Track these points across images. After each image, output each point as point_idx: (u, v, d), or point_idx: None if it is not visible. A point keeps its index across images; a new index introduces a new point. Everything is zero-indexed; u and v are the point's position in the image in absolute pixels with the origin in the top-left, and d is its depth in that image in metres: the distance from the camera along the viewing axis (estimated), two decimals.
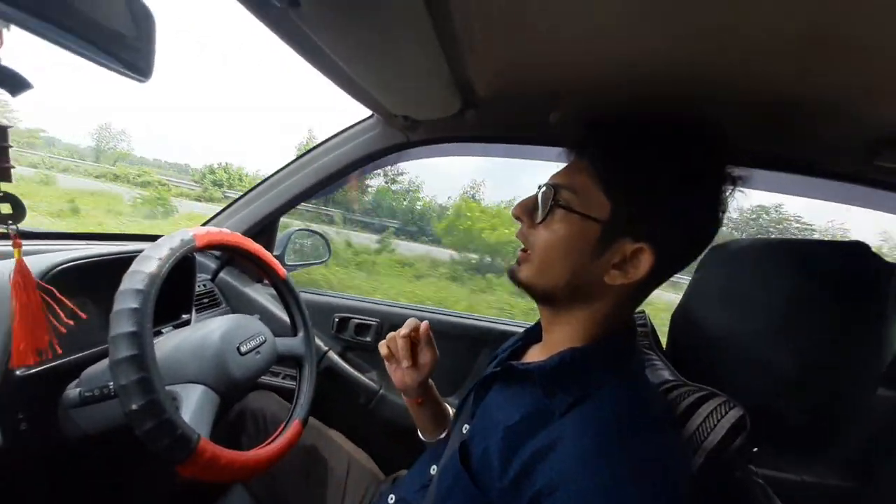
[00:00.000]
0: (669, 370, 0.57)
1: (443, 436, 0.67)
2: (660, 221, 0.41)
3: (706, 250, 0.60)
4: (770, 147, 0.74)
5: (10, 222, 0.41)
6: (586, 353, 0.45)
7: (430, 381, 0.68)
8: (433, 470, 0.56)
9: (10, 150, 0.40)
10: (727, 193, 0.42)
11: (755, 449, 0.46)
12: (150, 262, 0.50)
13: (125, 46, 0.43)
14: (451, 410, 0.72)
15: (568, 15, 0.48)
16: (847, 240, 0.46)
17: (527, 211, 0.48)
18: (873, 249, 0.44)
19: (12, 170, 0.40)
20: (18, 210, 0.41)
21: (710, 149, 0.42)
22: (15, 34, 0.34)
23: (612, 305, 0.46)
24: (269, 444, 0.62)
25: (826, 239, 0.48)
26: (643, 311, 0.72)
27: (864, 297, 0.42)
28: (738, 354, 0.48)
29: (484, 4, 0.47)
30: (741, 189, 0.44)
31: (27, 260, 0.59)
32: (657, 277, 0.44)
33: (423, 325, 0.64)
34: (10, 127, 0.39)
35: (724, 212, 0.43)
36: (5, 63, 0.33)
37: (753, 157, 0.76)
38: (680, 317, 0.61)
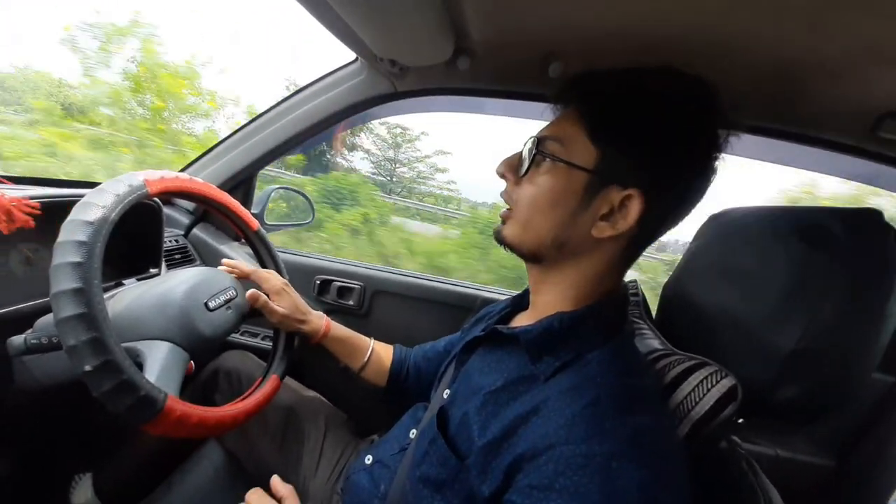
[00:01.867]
0: (659, 339, 0.55)
1: (363, 363, 0.72)
2: (648, 167, 0.39)
3: (705, 220, 0.59)
4: (772, 112, 0.70)
5: None
6: (575, 318, 0.43)
7: (318, 316, 0.72)
8: (412, 434, 0.55)
9: None
10: (717, 148, 0.41)
11: (741, 420, 0.45)
12: (92, 210, 0.44)
13: None
14: (368, 341, 0.75)
15: None
16: (858, 207, 0.43)
17: (511, 167, 0.46)
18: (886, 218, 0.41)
19: None
20: None
21: (702, 102, 0.40)
22: None
23: (602, 263, 0.44)
24: (244, 398, 0.60)
25: (834, 207, 0.44)
26: (635, 281, 0.70)
27: (874, 270, 0.39)
28: (732, 329, 0.46)
29: None
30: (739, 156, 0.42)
31: None
32: (646, 231, 0.42)
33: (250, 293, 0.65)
34: None
35: (714, 165, 0.42)
36: None
37: (753, 122, 0.72)
38: (673, 287, 0.59)
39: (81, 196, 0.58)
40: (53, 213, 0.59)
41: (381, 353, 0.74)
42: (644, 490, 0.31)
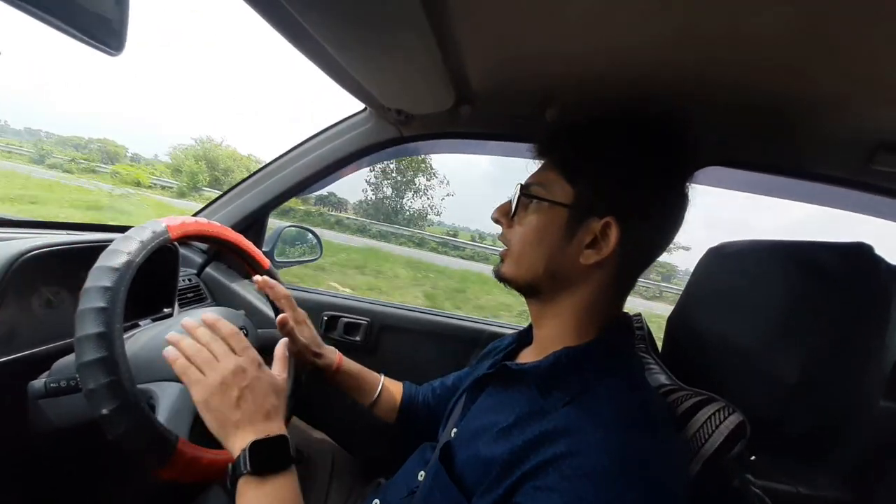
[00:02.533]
0: (666, 374, 0.55)
1: (374, 399, 0.71)
2: (618, 197, 0.44)
3: (705, 253, 0.60)
4: (765, 147, 0.73)
5: None
6: (581, 352, 0.44)
7: (331, 351, 0.71)
8: (420, 476, 0.54)
9: None
10: (684, 178, 0.46)
11: (753, 457, 0.44)
12: (118, 256, 0.47)
13: (99, 25, 0.41)
14: (378, 377, 0.74)
15: (562, 12, 0.47)
16: (848, 241, 0.44)
17: (504, 213, 0.52)
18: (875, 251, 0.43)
19: None
20: None
21: (664, 136, 0.46)
22: None
23: (596, 290, 0.46)
24: None
25: (827, 241, 0.45)
26: (639, 314, 0.71)
27: (866, 301, 0.41)
28: (736, 360, 0.47)
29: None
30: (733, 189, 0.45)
31: (1, 246, 0.57)
32: (631, 257, 0.46)
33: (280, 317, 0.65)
34: None
35: (685, 192, 0.46)
36: None
37: (747, 158, 0.75)
38: (676, 320, 0.60)
39: (96, 242, 0.61)
40: (75, 259, 0.62)
41: (391, 389, 0.74)
42: None
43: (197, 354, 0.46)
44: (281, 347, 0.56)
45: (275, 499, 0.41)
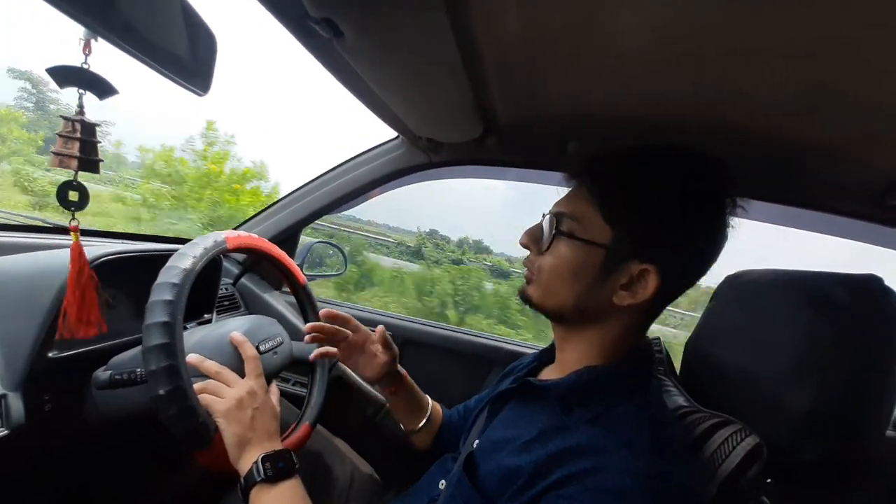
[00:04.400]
0: (684, 396, 0.57)
1: (422, 424, 0.69)
2: (661, 243, 0.42)
3: (721, 281, 0.62)
4: (779, 186, 0.75)
5: (74, 209, 0.46)
6: (602, 373, 0.45)
7: (399, 367, 0.69)
8: (441, 485, 0.55)
9: (98, 145, 0.45)
10: (726, 215, 0.43)
11: (769, 480, 0.45)
12: (186, 259, 0.54)
13: (186, 69, 0.48)
14: (428, 399, 0.73)
15: (587, 55, 0.52)
16: (860, 273, 0.46)
17: (533, 239, 0.50)
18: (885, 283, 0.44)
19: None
20: (83, 199, 0.46)
21: (705, 178, 0.43)
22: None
23: (624, 326, 0.46)
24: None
25: (840, 273, 0.48)
26: (658, 338, 0.72)
27: (876, 333, 0.42)
28: (750, 387, 0.48)
29: (509, 40, 0.52)
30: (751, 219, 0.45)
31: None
32: (665, 296, 0.45)
33: (379, 328, 0.66)
34: (98, 125, 0.44)
35: (725, 231, 0.44)
36: (94, 69, 0.38)
37: (761, 194, 0.77)
38: (693, 345, 0.61)
39: (153, 252, 0.68)
40: (132, 265, 0.69)
41: (435, 415, 0.73)
42: None
43: (207, 385, 0.52)
44: (273, 385, 0.61)
45: (287, 499, 0.47)
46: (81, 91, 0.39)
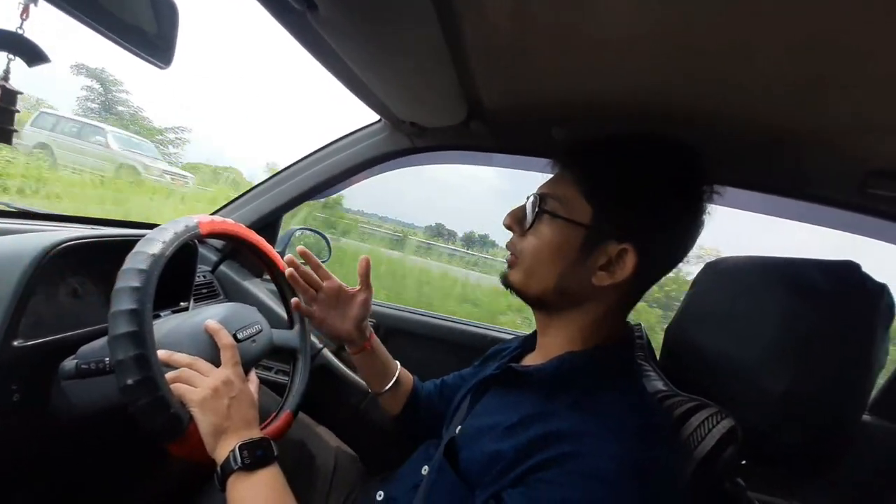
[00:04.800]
0: (663, 381, 0.57)
1: (388, 386, 0.71)
2: (639, 224, 0.44)
3: (702, 268, 0.63)
4: (761, 170, 0.76)
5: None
6: (584, 358, 0.46)
7: (368, 326, 0.71)
8: (424, 470, 0.56)
9: (16, 114, 0.42)
10: (703, 201, 0.45)
11: (743, 462, 0.46)
12: (154, 244, 0.51)
13: (148, 41, 0.45)
14: (397, 364, 0.75)
15: (573, 41, 0.51)
16: (838, 259, 0.47)
17: (516, 220, 0.51)
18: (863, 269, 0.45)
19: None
20: None
21: (684, 164, 0.45)
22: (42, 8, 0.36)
23: (604, 309, 0.47)
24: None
25: (818, 259, 0.48)
26: (639, 324, 0.73)
27: (851, 318, 0.43)
28: (729, 372, 0.49)
29: (494, 22, 0.50)
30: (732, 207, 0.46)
31: (34, 237, 0.60)
32: (643, 278, 0.46)
33: (363, 259, 0.67)
34: (20, 93, 0.41)
35: (701, 217, 0.46)
36: (28, 35, 0.36)
37: (742, 179, 0.78)
38: (674, 331, 0.62)
39: (122, 237, 0.65)
40: (101, 252, 0.66)
41: (404, 379, 0.75)
42: None
43: (180, 375, 0.50)
44: (252, 374, 0.61)
45: (265, 487, 0.47)
46: (11, 57, 0.36)
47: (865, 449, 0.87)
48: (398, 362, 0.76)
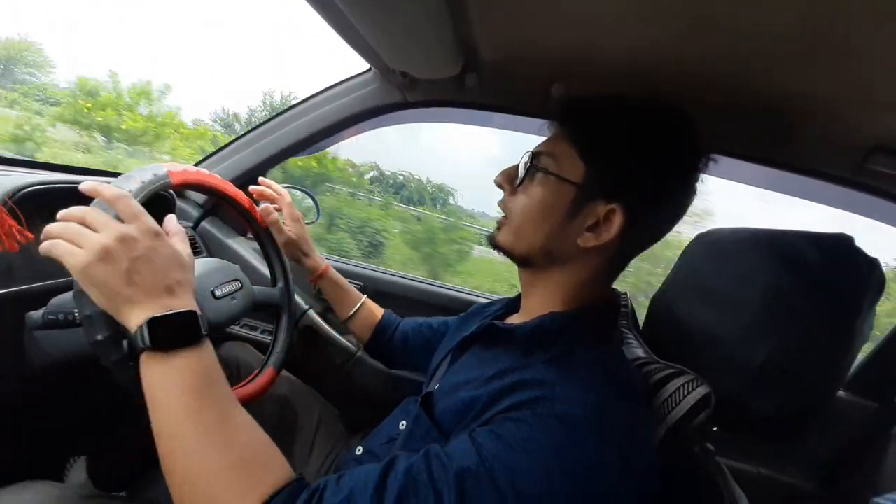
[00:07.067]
0: (643, 349, 0.58)
1: (351, 313, 0.77)
2: (630, 185, 0.44)
3: (692, 239, 0.61)
4: (763, 143, 0.74)
5: None
6: (566, 318, 0.46)
7: (320, 256, 0.78)
8: (402, 425, 0.56)
9: None
10: (697, 170, 0.46)
11: (714, 428, 0.47)
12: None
13: None
14: (361, 296, 0.81)
15: None
16: (831, 232, 0.46)
17: (508, 178, 0.51)
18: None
19: None
20: None
21: (680, 131, 0.45)
22: None
23: (588, 271, 0.47)
24: (241, 387, 0.62)
25: (811, 231, 0.47)
26: (625, 293, 0.73)
27: (839, 293, 0.42)
28: (710, 343, 0.49)
29: None
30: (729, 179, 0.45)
31: None
32: (629, 243, 0.46)
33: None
34: None
35: (694, 186, 0.46)
36: None
37: (744, 152, 0.75)
38: (659, 300, 0.62)
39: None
40: (73, 199, 0.62)
41: (372, 309, 0.80)
42: (598, 469, 0.34)
43: (64, 230, 0.39)
44: (172, 222, 0.47)
45: (184, 372, 0.37)
46: None
47: (838, 423, 0.90)
48: (365, 296, 0.81)
